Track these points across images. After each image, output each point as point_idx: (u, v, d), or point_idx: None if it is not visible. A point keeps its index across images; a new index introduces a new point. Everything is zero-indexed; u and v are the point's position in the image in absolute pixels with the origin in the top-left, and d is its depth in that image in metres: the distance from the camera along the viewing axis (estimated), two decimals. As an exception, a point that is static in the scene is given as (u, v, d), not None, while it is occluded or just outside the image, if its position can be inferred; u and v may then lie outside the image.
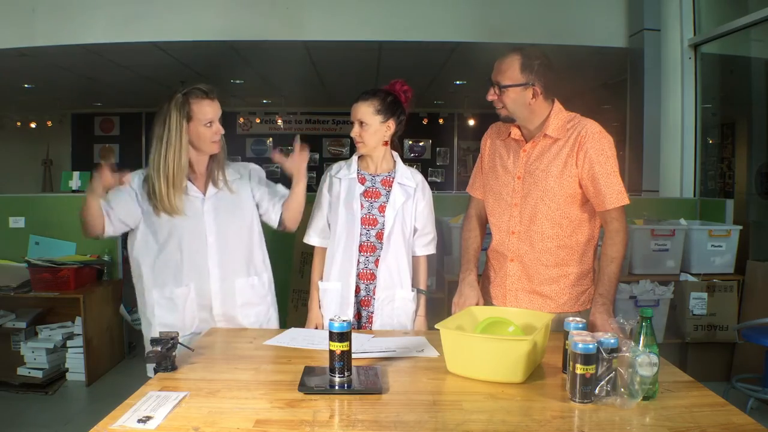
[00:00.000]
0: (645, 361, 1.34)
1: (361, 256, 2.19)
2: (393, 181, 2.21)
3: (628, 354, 1.35)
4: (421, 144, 9.79)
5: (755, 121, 4.77)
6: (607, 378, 1.35)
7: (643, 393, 1.33)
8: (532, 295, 1.97)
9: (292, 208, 2.13)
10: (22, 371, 3.69)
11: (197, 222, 2.02)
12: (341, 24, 4.83)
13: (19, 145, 9.29)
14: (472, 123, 9.06)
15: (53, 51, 4.98)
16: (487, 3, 4.81)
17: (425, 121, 9.40)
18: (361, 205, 2.18)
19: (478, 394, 1.42)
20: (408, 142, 9.68)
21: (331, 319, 1.45)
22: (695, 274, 3.73)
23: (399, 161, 2.25)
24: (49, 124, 9.45)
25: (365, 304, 2.21)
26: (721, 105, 5.21)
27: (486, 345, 1.51)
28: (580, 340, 1.35)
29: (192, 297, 2.03)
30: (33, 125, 9.24)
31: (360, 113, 2.15)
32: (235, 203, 2.09)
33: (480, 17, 4.80)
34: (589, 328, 1.72)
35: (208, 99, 1.98)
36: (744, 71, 4.77)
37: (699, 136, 4.62)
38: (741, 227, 3.79)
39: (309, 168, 2.09)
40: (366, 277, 2.20)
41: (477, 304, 1.99)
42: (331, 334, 1.45)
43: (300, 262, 4.00)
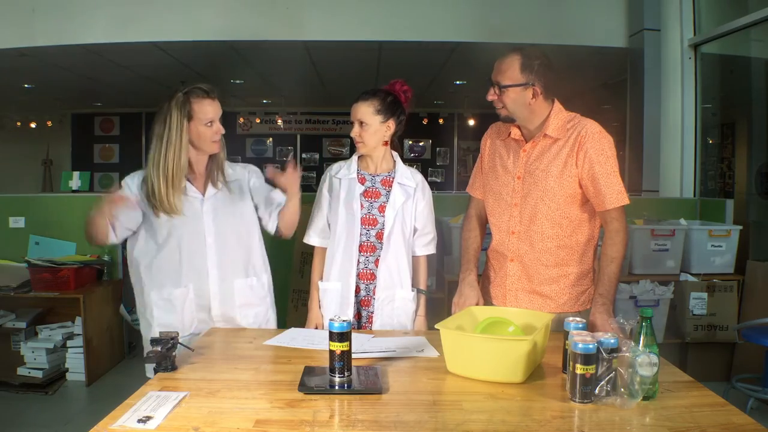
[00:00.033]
0: (645, 361, 1.34)
1: (361, 256, 2.19)
2: (393, 181, 2.21)
3: (628, 354, 1.35)
4: (421, 144, 9.79)
5: (755, 121, 4.77)
6: (607, 378, 1.35)
7: (643, 393, 1.33)
8: (532, 295, 1.97)
9: (286, 219, 2.12)
10: (22, 371, 3.69)
11: (196, 223, 2.02)
12: (341, 24, 4.83)
13: (19, 145, 9.27)
14: (472, 123, 9.06)
15: (53, 51, 4.97)
16: (487, 3, 4.81)
17: (425, 121, 9.40)
18: (361, 205, 2.18)
19: (478, 394, 1.42)
20: (408, 142, 9.68)
21: (331, 319, 1.45)
22: (695, 274, 3.73)
23: (399, 161, 2.25)
24: (49, 124, 9.45)
25: (365, 304, 2.21)
26: (721, 105, 5.20)
27: (486, 345, 1.51)
28: (580, 340, 1.36)
29: (191, 298, 2.03)
30: (33, 125, 9.23)
31: (360, 113, 2.15)
32: (235, 204, 2.09)
33: (480, 17, 4.80)
34: (589, 328, 1.72)
35: (209, 98, 1.97)
36: (744, 71, 4.77)
37: (699, 136, 4.62)
38: (741, 227, 3.79)
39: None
40: (366, 277, 2.20)
41: (477, 304, 2.00)
42: (331, 334, 1.45)
43: (300, 262, 4.00)
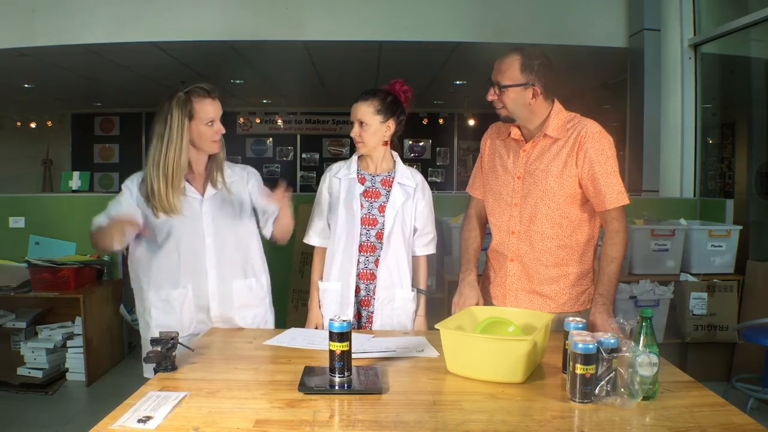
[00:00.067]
0: (645, 361, 1.34)
1: (361, 256, 2.19)
2: (393, 181, 2.21)
3: (628, 354, 1.35)
4: (421, 144, 9.79)
5: (755, 121, 4.77)
6: (607, 378, 1.35)
7: (643, 393, 1.33)
8: (532, 295, 1.97)
9: (280, 230, 2.12)
10: (22, 371, 3.69)
11: (195, 223, 2.01)
12: (341, 24, 4.83)
13: (19, 145, 9.28)
14: (472, 123, 9.05)
15: (53, 51, 4.98)
16: (487, 3, 4.81)
17: (425, 121, 9.40)
18: (361, 205, 2.18)
19: (478, 394, 1.42)
20: (408, 142, 9.68)
21: (331, 319, 1.45)
22: (695, 274, 3.73)
23: (399, 161, 2.25)
24: (49, 124, 9.45)
25: (365, 304, 2.21)
26: (721, 105, 5.20)
27: (486, 345, 1.51)
28: (580, 340, 1.36)
29: (189, 298, 2.02)
30: (33, 125, 9.23)
31: (360, 113, 2.15)
32: (234, 205, 2.08)
33: (480, 17, 4.80)
34: (589, 328, 1.72)
35: (210, 98, 1.97)
36: (744, 71, 4.77)
37: (699, 136, 4.62)
38: (741, 227, 3.79)
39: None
40: (366, 277, 2.20)
41: (477, 304, 2.00)
42: (331, 334, 1.45)
43: (300, 262, 4.00)
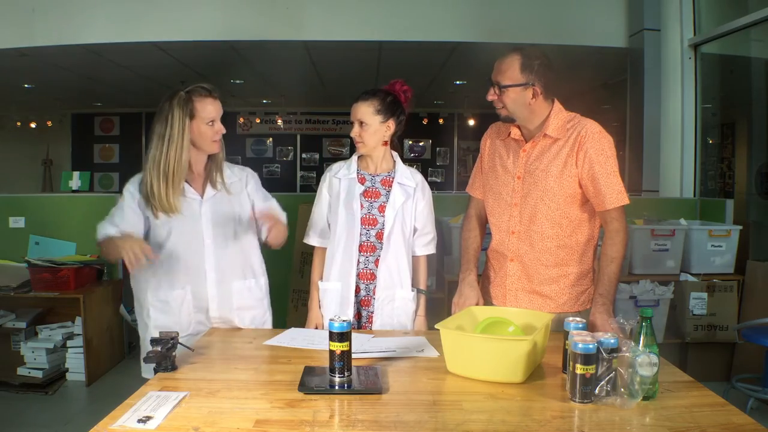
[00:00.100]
0: (645, 361, 1.34)
1: (361, 256, 2.18)
2: (393, 181, 2.21)
3: (628, 354, 1.35)
4: (421, 144, 9.79)
5: (755, 121, 4.77)
6: (607, 378, 1.35)
7: (643, 393, 1.33)
8: (532, 295, 1.97)
9: (273, 238, 2.08)
10: (22, 371, 3.69)
11: (194, 224, 2.01)
12: (341, 24, 4.83)
13: (19, 145, 9.28)
14: (472, 123, 9.06)
15: (53, 51, 4.98)
16: (487, 3, 4.81)
17: (425, 121, 9.40)
18: (361, 205, 2.18)
19: (478, 394, 1.42)
20: (408, 142, 9.68)
21: (331, 319, 1.45)
22: (695, 274, 3.73)
23: (399, 161, 2.25)
24: (49, 124, 9.46)
25: (365, 304, 2.21)
26: (721, 105, 5.21)
27: (486, 345, 1.51)
28: (580, 340, 1.35)
29: (188, 299, 2.02)
30: (33, 125, 9.23)
31: (360, 113, 2.15)
32: (233, 206, 2.08)
33: (480, 17, 4.80)
34: (589, 328, 1.72)
35: (210, 97, 1.97)
36: (744, 71, 4.77)
37: (699, 136, 4.62)
38: (741, 227, 3.79)
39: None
40: (366, 277, 2.20)
41: (477, 304, 1.99)
42: (331, 334, 1.45)
43: (300, 262, 4.00)
